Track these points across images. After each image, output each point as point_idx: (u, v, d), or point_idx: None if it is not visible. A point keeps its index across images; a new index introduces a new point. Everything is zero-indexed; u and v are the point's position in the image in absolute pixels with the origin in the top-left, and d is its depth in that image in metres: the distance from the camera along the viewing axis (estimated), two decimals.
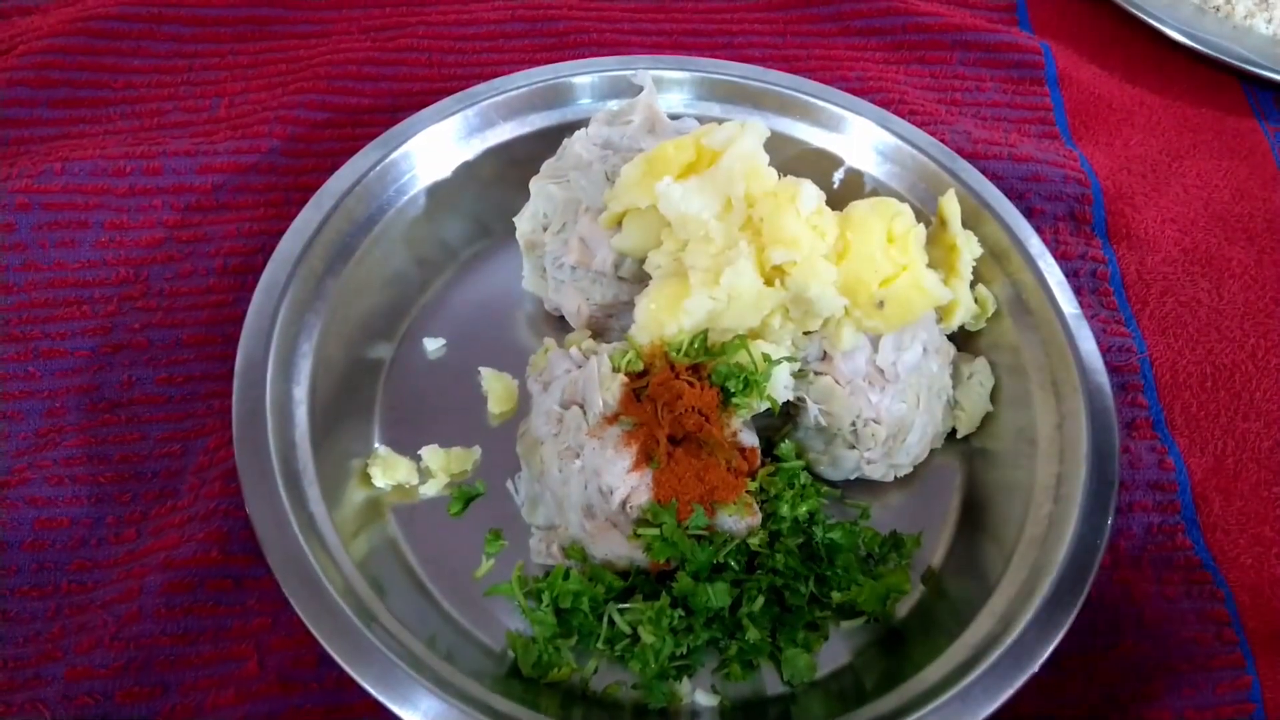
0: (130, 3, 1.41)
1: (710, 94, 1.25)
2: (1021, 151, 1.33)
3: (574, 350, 1.01)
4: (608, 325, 1.12)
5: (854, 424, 1.01)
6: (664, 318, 0.98)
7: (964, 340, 1.13)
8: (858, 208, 1.01)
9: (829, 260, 0.97)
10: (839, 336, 1.00)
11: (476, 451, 1.08)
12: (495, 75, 1.24)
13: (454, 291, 1.20)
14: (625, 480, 0.93)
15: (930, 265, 1.04)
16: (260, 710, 0.90)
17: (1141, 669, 0.97)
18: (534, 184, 1.12)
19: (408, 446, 1.07)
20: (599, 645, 0.94)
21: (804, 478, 1.02)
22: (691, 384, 0.96)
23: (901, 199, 1.08)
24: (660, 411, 0.94)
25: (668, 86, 1.24)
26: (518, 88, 1.22)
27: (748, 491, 0.96)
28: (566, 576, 0.95)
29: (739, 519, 0.94)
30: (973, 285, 1.11)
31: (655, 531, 0.92)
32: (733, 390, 0.96)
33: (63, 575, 0.98)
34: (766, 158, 0.99)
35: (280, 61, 1.41)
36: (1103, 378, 1.03)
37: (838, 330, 1.00)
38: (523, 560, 1.00)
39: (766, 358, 0.97)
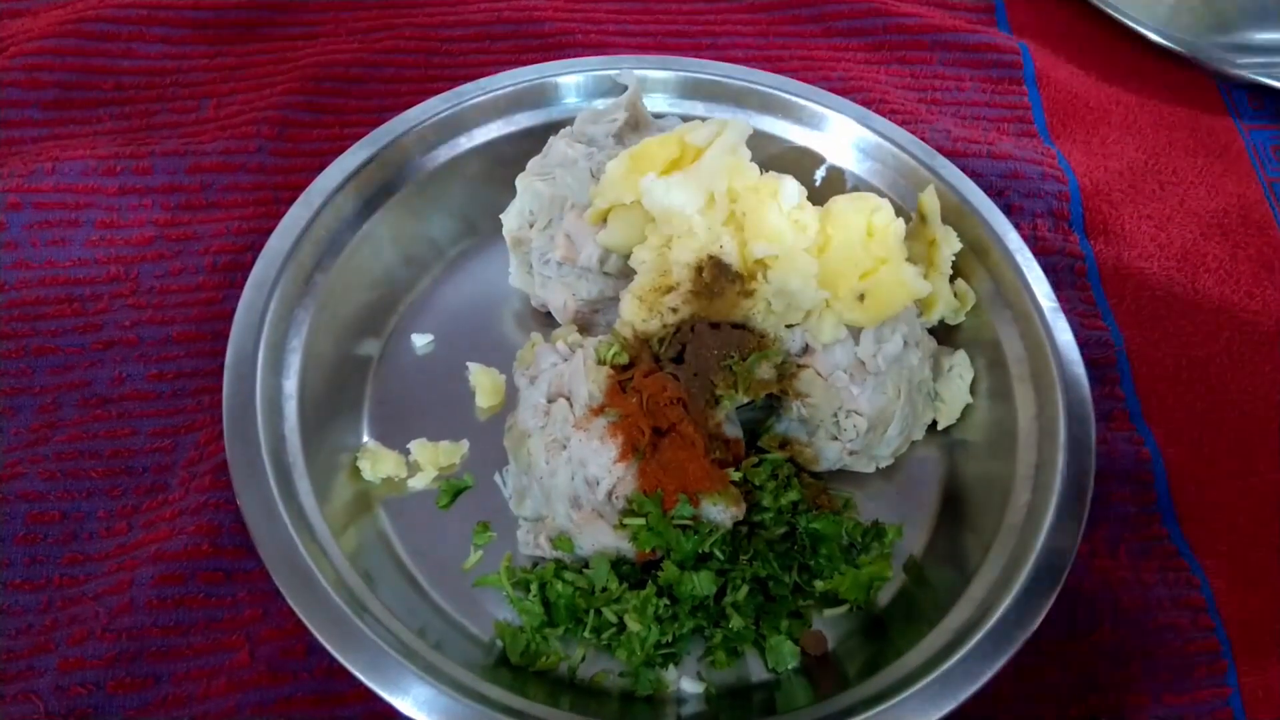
0: (120, 5, 1.42)
1: (693, 93, 1.26)
2: (1000, 149, 1.35)
3: (560, 344, 1.03)
4: (594, 320, 1.13)
5: (836, 415, 1.03)
6: (648, 311, 1.00)
7: (944, 334, 1.15)
8: (838, 202, 1.03)
9: (810, 254, 0.99)
10: (820, 329, 1.01)
11: (464, 445, 1.09)
12: (481, 76, 1.25)
13: (441, 288, 1.21)
14: (611, 471, 0.94)
15: (910, 260, 1.06)
16: (251, 700, 0.91)
17: (1119, 654, 0.99)
18: (520, 181, 1.13)
19: (396, 440, 1.08)
20: (586, 634, 0.95)
21: (787, 469, 1.03)
22: (676, 376, 0.98)
23: (882, 195, 1.10)
24: (645, 403, 0.95)
25: (652, 86, 1.25)
26: (504, 87, 1.23)
27: (732, 482, 0.97)
28: (558, 574, 0.97)
29: (724, 509, 0.95)
30: (952, 280, 1.12)
31: (641, 521, 0.93)
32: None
33: (55, 568, 0.99)
34: (749, 154, 1.01)
35: (268, 63, 1.42)
36: (1080, 369, 1.05)
37: (819, 323, 1.01)
38: (510, 551, 1.01)
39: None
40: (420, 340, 1.16)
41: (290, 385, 1.03)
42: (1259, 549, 1.07)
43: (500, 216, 1.15)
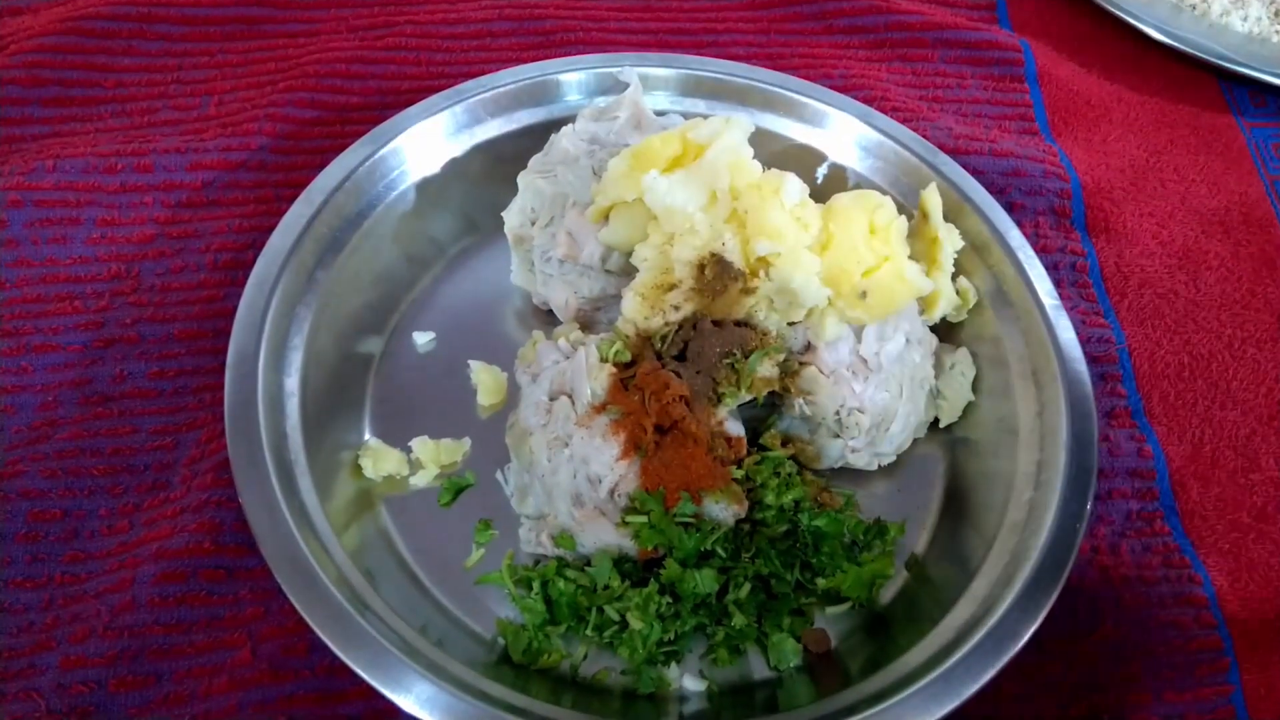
0: (120, 2, 1.42)
1: (695, 91, 1.26)
2: (1002, 147, 1.35)
3: (562, 341, 1.03)
4: (595, 318, 1.13)
5: (838, 413, 1.03)
6: (650, 309, 0.99)
7: (946, 331, 1.15)
8: (840, 200, 1.03)
9: (812, 251, 0.99)
10: (823, 327, 1.01)
11: (466, 443, 1.09)
12: (483, 73, 1.25)
13: (443, 286, 1.21)
14: (613, 469, 0.94)
15: (912, 258, 1.06)
16: (253, 698, 0.91)
17: (1121, 652, 0.99)
18: (522, 179, 1.14)
19: (398, 438, 1.08)
20: (588, 632, 0.95)
21: (789, 466, 1.03)
22: (678, 374, 0.98)
23: (884, 193, 1.09)
24: (647, 401, 0.95)
25: (653, 83, 1.25)
26: (505, 85, 1.23)
27: (734, 480, 0.97)
28: (560, 572, 0.97)
29: (726, 507, 0.95)
30: (954, 277, 1.12)
31: (643, 519, 0.94)
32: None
33: (56, 566, 0.99)
34: (751, 151, 1.01)
35: (269, 60, 1.42)
36: (1082, 367, 1.05)
37: (821, 320, 1.01)
38: (512, 549, 1.01)
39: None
40: (422, 338, 1.16)
41: (292, 383, 1.03)
42: (1261, 546, 1.07)
43: (502, 214, 1.15)
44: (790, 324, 1.03)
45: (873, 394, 1.03)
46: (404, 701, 0.83)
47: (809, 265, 0.98)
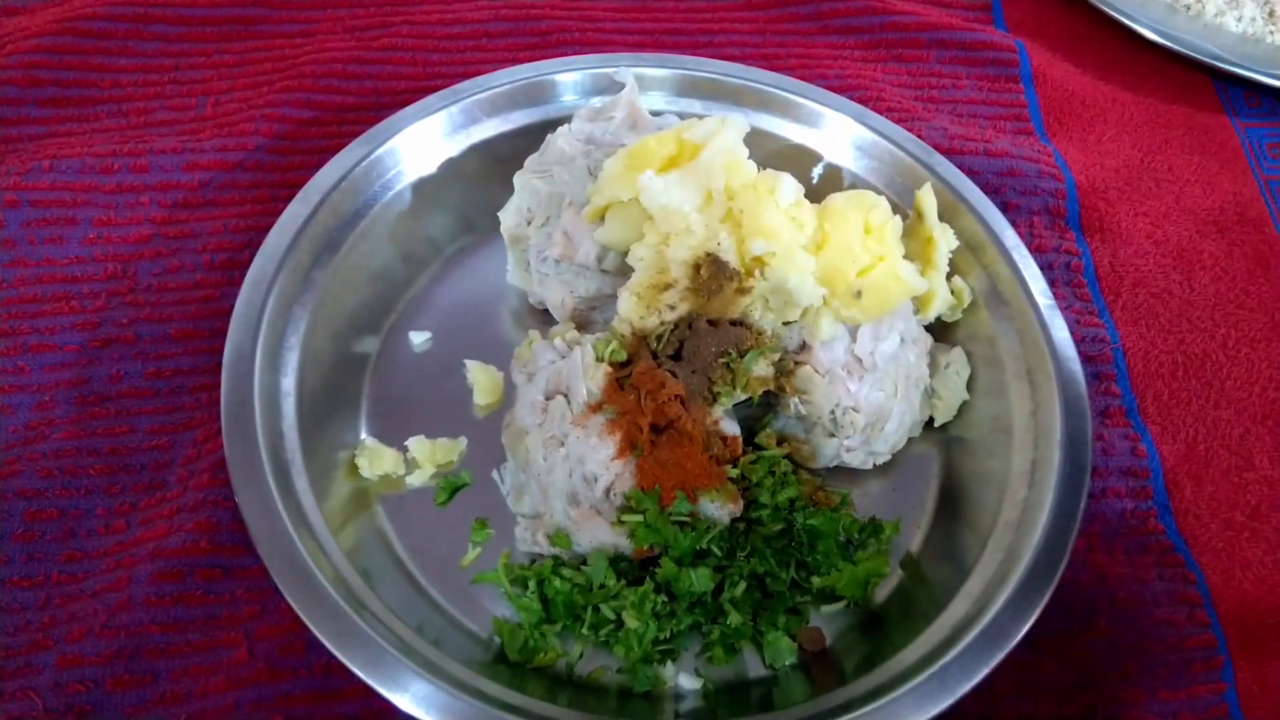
0: (117, 3, 1.42)
1: (691, 91, 1.27)
2: (997, 147, 1.35)
3: (558, 341, 1.03)
4: (591, 318, 1.13)
5: (833, 412, 1.03)
6: (646, 309, 1.00)
7: (941, 331, 1.15)
8: (835, 200, 1.03)
9: (808, 251, 0.99)
10: (818, 326, 1.01)
11: (462, 442, 1.09)
12: (479, 73, 1.25)
13: (439, 286, 1.21)
14: (609, 468, 0.94)
15: (907, 258, 1.06)
16: (249, 696, 0.91)
17: (1116, 650, 0.99)
18: (518, 179, 1.14)
19: (394, 438, 1.08)
20: (584, 631, 0.95)
21: (785, 465, 1.04)
22: (674, 373, 0.98)
23: (879, 193, 1.10)
24: (643, 400, 0.96)
25: (649, 84, 1.25)
26: (502, 85, 1.23)
27: (729, 479, 0.97)
28: (556, 571, 0.97)
29: (721, 506, 0.96)
30: (949, 277, 1.12)
31: (639, 518, 0.94)
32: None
33: (53, 566, 0.99)
34: (746, 151, 1.01)
35: (266, 60, 1.42)
36: (1076, 366, 1.05)
37: (816, 320, 1.02)
38: (509, 548, 1.01)
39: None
40: (418, 337, 1.16)
41: (288, 382, 1.03)
42: (1255, 545, 1.07)
43: (498, 214, 1.15)
44: (785, 323, 1.03)
45: (868, 393, 1.03)
46: (400, 700, 0.83)
47: (804, 265, 0.98)
